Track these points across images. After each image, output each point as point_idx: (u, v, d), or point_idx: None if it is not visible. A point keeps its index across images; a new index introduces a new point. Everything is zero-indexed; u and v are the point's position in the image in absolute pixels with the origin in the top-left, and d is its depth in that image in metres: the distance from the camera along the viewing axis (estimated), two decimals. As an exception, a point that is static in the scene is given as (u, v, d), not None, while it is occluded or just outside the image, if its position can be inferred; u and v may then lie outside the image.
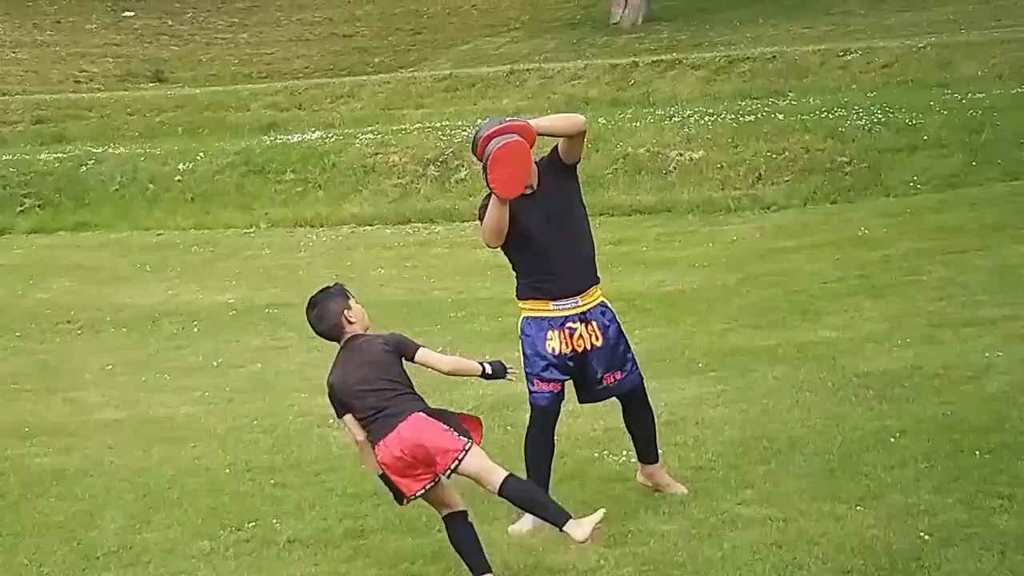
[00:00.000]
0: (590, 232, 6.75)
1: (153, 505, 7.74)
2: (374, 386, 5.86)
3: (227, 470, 8.37)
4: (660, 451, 7.04)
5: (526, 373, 6.63)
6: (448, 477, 5.78)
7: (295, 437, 9.11)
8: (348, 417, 5.95)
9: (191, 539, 7.03)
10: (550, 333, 6.57)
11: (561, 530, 5.71)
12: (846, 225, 15.66)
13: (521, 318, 6.72)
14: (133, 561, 6.78)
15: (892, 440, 7.30)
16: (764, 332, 10.90)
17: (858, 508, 6.29)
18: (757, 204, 17.80)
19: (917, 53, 24.53)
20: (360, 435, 5.89)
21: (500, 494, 5.79)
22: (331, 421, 9.34)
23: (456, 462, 5.69)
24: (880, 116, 19.29)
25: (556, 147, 6.62)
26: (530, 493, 5.92)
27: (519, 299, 6.72)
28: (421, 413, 5.79)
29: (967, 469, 6.68)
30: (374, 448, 5.81)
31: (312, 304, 6.08)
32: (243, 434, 9.37)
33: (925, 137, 18.43)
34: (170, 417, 10.14)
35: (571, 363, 6.60)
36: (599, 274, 6.78)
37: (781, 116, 20.05)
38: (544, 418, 6.65)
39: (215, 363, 12.04)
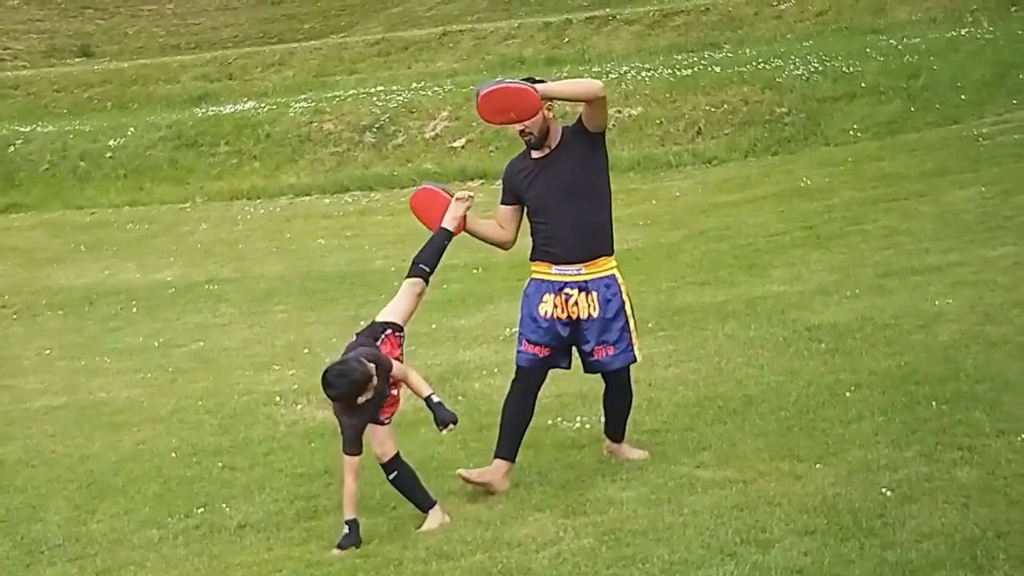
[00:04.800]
0: (605, 203, 6.58)
1: (98, 494, 7.53)
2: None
3: (173, 454, 8.17)
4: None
5: (519, 333, 6.62)
6: None
7: (241, 417, 8.92)
8: None
9: (138, 528, 6.84)
10: (546, 296, 6.51)
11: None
12: (788, 176, 15.61)
13: (528, 279, 6.65)
14: (79, 554, 6.58)
15: (848, 394, 7.22)
16: (712, 288, 10.81)
17: (818, 466, 6.19)
18: (698, 159, 17.74)
19: None
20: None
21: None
22: (277, 399, 9.19)
23: None
24: (817, 65, 19.27)
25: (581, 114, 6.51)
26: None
27: (530, 260, 6.67)
28: None
29: (924, 421, 6.60)
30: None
31: (341, 374, 5.99)
32: (187, 416, 9.16)
33: (863, 84, 18.42)
34: (111, 401, 9.91)
35: (565, 330, 6.50)
36: (613, 244, 6.60)
37: (718, 69, 19.98)
38: (524, 379, 6.59)
39: (156, 343, 11.80)
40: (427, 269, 6.54)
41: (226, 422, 8.84)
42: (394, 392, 6.29)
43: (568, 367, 6.73)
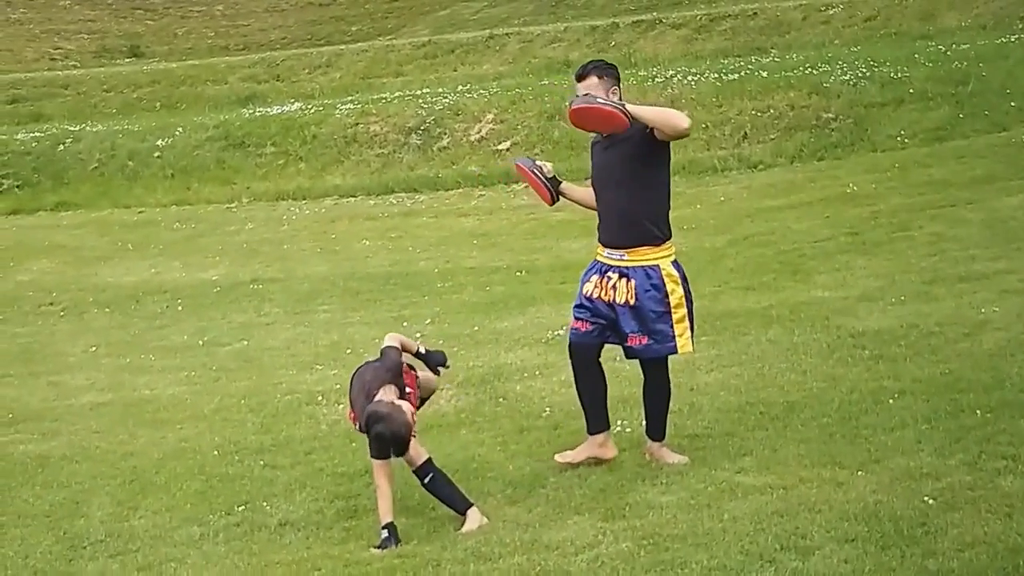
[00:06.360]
0: (652, 196, 6.65)
1: (140, 490, 7.59)
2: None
3: (215, 452, 8.22)
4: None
5: None
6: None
7: (283, 416, 8.96)
8: None
9: (180, 525, 6.89)
10: (593, 276, 6.71)
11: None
12: (834, 182, 15.50)
13: None
14: (121, 549, 6.63)
15: (891, 401, 7.17)
16: (756, 293, 10.76)
17: (859, 473, 6.14)
18: (743, 163, 17.64)
19: (900, 5, 24.38)
20: None
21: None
22: (319, 398, 9.23)
23: None
24: (864, 70, 19.12)
25: None
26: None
27: None
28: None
29: (968, 429, 6.54)
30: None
31: (379, 419, 6.14)
32: (230, 414, 9.22)
33: (911, 90, 18.27)
34: (156, 398, 9.98)
35: (607, 310, 6.62)
36: (661, 236, 6.64)
37: (765, 73, 19.87)
38: (573, 353, 6.77)
39: (200, 342, 11.87)
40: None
41: (268, 421, 8.90)
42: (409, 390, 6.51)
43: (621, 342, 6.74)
